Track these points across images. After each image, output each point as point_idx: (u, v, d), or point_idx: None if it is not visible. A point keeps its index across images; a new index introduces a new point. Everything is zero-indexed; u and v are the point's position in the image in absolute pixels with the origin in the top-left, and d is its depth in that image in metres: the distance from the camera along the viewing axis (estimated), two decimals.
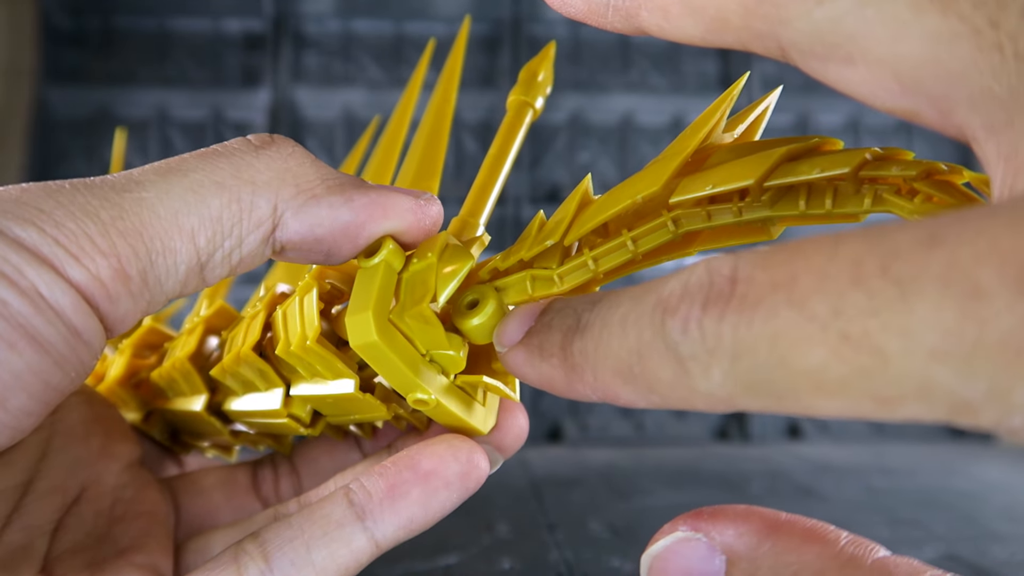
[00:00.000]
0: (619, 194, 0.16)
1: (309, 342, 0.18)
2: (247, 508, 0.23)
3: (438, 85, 0.24)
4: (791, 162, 0.14)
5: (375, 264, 0.17)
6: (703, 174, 0.15)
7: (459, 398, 0.17)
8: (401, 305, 0.17)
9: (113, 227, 0.14)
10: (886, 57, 0.11)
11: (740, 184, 0.14)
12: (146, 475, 0.22)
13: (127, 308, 0.15)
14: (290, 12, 0.72)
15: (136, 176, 0.15)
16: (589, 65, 0.73)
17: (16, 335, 0.13)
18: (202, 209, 0.15)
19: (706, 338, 0.11)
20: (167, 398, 0.25)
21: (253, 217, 0.15)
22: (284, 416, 0.20)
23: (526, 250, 0.17)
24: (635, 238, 0.16)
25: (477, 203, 0.21)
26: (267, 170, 0.16)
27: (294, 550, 0.16)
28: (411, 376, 0.16)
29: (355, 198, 0.16)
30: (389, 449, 0.21)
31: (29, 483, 0.19)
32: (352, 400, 0.19)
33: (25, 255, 0.13)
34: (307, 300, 0.19)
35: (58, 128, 0.69)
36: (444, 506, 0.17)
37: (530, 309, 0.15)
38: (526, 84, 0.23)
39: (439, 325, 0.16)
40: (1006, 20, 0.10)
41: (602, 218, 0.16)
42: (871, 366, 0.09)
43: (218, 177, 0.15)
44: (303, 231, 0.16)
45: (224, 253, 0.15)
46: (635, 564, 0.33)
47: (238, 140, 0.16)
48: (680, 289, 0.11)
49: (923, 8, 0.11)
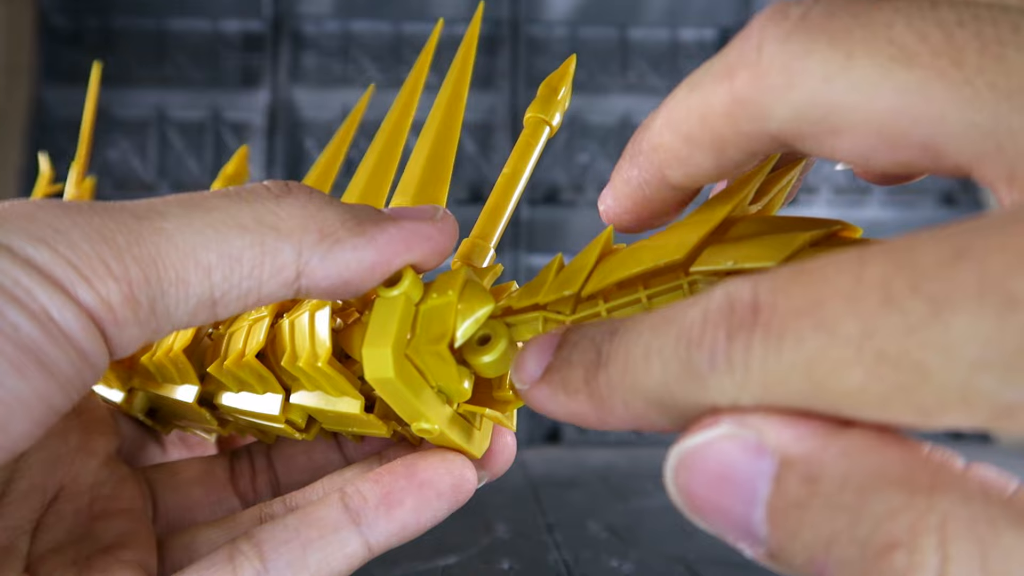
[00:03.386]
0: (642, 255, 0.16)
1: (320, 363, 0.18)
2: (225, 502, 0.23)
3: (446, 83, 0.23)
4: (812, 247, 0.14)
5: (395, 296, 0.17)
6: (725, 248, 0.15)
7: (460, 427, 0.18)
8: (417, 339, 0.17)
9: (128, 252, 0.14)
10: (867, 119, 0.12)
11: (761, 265, 0.14)
12: (124, 469, 0.22)
13: (132, 334, 0.15)
14: (289, 13, 0.72)
15: (158, 206, 0.15)
16: (588, 66, 0.73)
17: (25, 359, 0.13)
18: (222, 246, 0.15)
19: (734, 370, 0.11)
20: (156, 382, 0.25)
21: (276, 262, 0.15)
22: (282, 422, 0.20)
23: (543, 295, 0.17)
24: (650, 296, 0.16)
25: (489, 225, 0.21)
26: (289, 217, 0.16)
27: (290, 551, 0.16)
28: (420, 408, 0.16)
29: (377, 237, 0.16)
30: (379, 457, 0.21)
31: (7, 483, 0.19)
32: (354, 417, 0.19)
33: (36, 276, 0.13)
34: (319, 317, 0.18)
35: (56, 128, 0.69)
36: (435, 515, 0.17)
37: (545, 343, 0.15)
38: (545, 101, 0.22)
39: (454, 364, 0.17)
40: (967, 59, 0.11)
41: (621, 276, 0.16)
42: (912, 382, 0.09)
43: (241, 219, 0.15)
44: (331, 276, 0.16)
45: (240, 292, 0.15)
46: (634, 565, 0.33)
47: (257, 185, 0.16)
48: (701, 318, 0.11)
49: (887, 67, 0.11)
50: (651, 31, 0.74)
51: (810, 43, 0.12)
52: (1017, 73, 0.11)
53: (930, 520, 0.09)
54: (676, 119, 0.15)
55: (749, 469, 0.11)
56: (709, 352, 0.11)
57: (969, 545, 0.08)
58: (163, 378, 0.24)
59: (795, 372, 0.10)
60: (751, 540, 0.11)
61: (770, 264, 0.14)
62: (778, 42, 0.12)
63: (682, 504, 0.12)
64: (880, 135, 0.12)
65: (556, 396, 0.14)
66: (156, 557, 0.19)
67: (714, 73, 0.14)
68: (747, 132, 0.13)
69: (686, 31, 0.74)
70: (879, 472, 0.10)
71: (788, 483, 0.10)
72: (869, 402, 0.10)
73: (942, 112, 0.11)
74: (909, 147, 0.12)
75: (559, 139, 0.72)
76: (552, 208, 0.70)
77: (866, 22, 0.12)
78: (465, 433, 0.18)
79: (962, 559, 0.08)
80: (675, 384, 0.11)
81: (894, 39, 0.11)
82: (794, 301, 0.10)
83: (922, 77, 0.11)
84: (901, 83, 0.11)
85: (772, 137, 0.13)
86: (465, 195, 0.70)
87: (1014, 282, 0.08)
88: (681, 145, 0.15)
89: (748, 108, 0.13)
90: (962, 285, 0.09)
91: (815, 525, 0.10)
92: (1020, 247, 0.09)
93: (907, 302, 0.09)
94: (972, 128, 0.11)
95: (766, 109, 0.13)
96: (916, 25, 0.11)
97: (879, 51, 0.12)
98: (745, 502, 0.11)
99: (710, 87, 0.14)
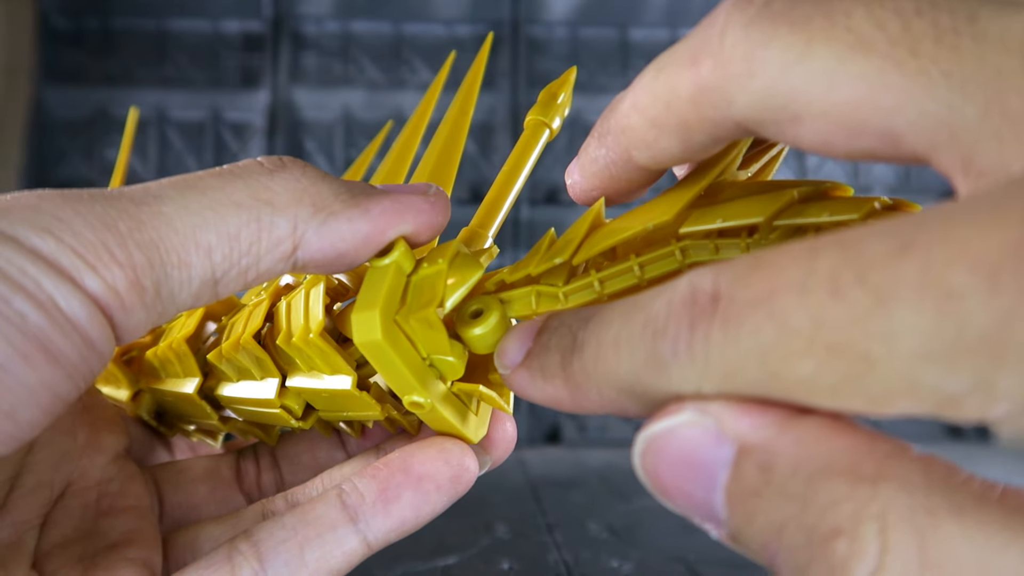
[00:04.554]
0: (631, 220, 0.16)
1: (312, 335, 0.18)
2: (230, 501, 0.23)
3: (456, 97, 0.24)
4: (801, 204, 0.14)
5: (386, 265, 0.17)
6: (714, 208, 0.15)
7: (454, 406, 0.18)
8: (407, 307, 0.17)
9: (131, 238, 0.14)
10: (826, 108, 0.12)
11: (750, 221, 0.14)
12: (131, 467, 0.22)
13: (139, 319, 0.15)
14: (289, 13, 0.72)
15: (154, 190, 0.15)
16: (588, 66, 0.73)
17: (32, 348, 0.13)
18: (220, 226, 0.15)
19: (695, 359, 0.11)
20: (159, 378, 0.25)
21: (272, 236, 0.16)
22: (277, 406, 0.20)
23: (534, 266, 0.17)
24: (642, 264, 0.16)
25: (488, 215, 0.21)
26: (284, 191, 0.16)
27: (288, 551, 0.17)
28: (410, 378, 0.16)
29: (371, 208, 0.16)
30: (378, 450, 0.21)
31: (15, 478, 0.19)
32: (347, 397, 0.19)
33: (42, 266, 0.13)
34: (314, 293, 0.19)
35: (56, 128, 0.69)
36: (435, 508, 0.17)
37: (527, 329, 0.15)
38: (544, 105, 0.23)
39: (443, 330, 0.17)
40: (923, 48, 0.11)
41: (612, 242, 0.16)
42: (859, 371, 0.09)
43: (236, 197, 0.15)
44: (325, 248, 0.16)
45: (240, 270, 0.16)
46: (634, 565, 0.33)
47: (250, 162, 0.17)
48: (666, 309, 0.11)
49: (845, 56, 0.12)
50: (651, 31, 0.74)
51: (771, 31, 0.12)
52: (971, 62, 0.11)
53: (872, 509, 0.09)
54: (643, 103, 0.15)
55: (709, 456, 0.11)
56: (672, 341, 0.11)
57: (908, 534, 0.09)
58: (166, 373, 0.24)
59: (751, 361, 0.10)
60: (715, 522, 0.11)
61: (760, 220, 0.14)
62: (741, 29, 0.13)
63: (650, 487, 0.12)
64: (839, 124, 0.12)
65: (535, 381, 0.14)
66: (161, 555, 0.19)
67: (679, 59, 0.14)
68: (711, 118, 0.14)
69: (686, 31, 0.74)
70: (827, 461, 0.10)
71: (745, 470, 0.10)
72: (821, 391, 0.10)
73: (899, 102, 0.11)
74: (868, 135, 0.12)
75: (560, 139, 0.72)
76: (552, 208, 0.70)
77: (826, 10, 0.12)
78: (459, 414, 0.18)
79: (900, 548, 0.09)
80: (642, 372, 0.12)
81: (852, 27, 0.12)
82: (751, 291, 0.10)
83: (879, 66, 0.11)
84: (858, 72, 0.11)
85: (736, 123, 0.13)
86: (466, 195, 0.70)
87: (954, 275, 0.08)
88: (648, 128, 0.15)
89: (711, 96, 0.13)
90: (905, 277, 0.09)
91: (768, 511, 0.10)
92: (962, 240, 0.09)
93: (853, 293, 0.09)
94: (927, 116, 0.11)
95: (729, 97, 0.13)
96: (875, 14, 0.12)
97: (837, 39, 0.12)
98: (706, 487, 0.11)
99: (675, 73, 0.14)
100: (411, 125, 0.26)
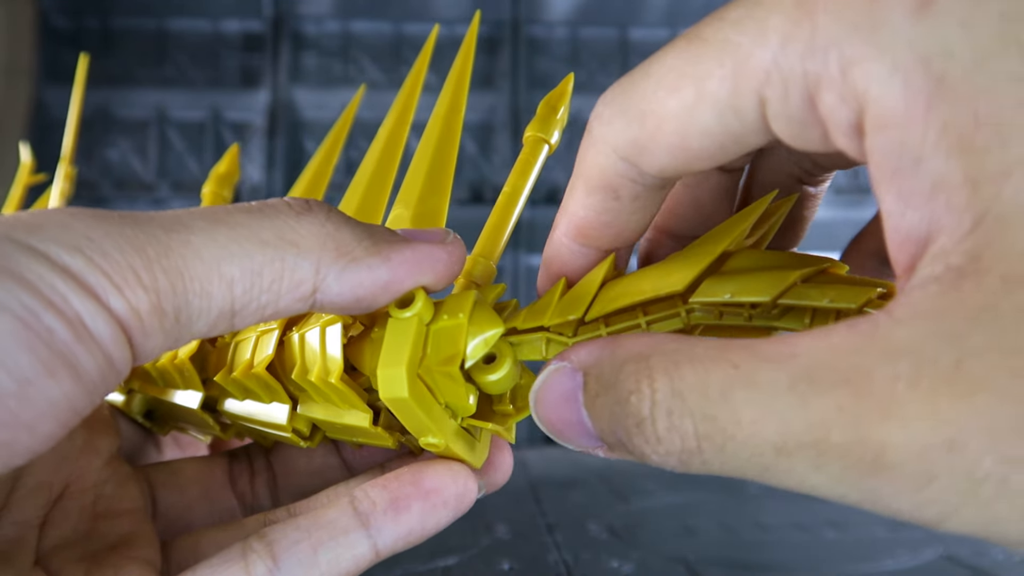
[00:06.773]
0: (643, 283, 0.17)
1: (332, 379, 0.18)
2: (223, 503, 0.23)
3: (445, 90, 0.23)
4: (804, 284, 0.15)
5: (408, 318, 0.17)
6: (723, 280, 0.16)
7: (464, 440, 0.18)
8: (428, 359, 0.17)
9: (157, 263, 0.14)
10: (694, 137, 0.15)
11: (756, 299, 0.15)
12: (125, 468, 0.22)
13: (156, 342, 0.15)
14: (289, 13, 0.72)
15: (184, 219, 0.16)
16: (588, 66, 0.73)
17: (58, 363, 0.13)
18: (245, 261, 0.15)
19: None
20: (158, 387, 0.25)
21: (295, 277, 0.16)
22: (288, 431, 0.21)
23: (548, 318, 0.18)
24: (649, 322, 0.17)
25: (491, 243, 0.21)
26: (309, 235, 0.16)
27: (301, 551, 0.17)
28: (428, 423, 0.17)
29: (392, 257, 0.17)
30: (382, 468, 0.21)
31: (16, 479, 0.20)
32: (361, 430, 0.19)
33: (71, 283, 0.13)
34: (331, 333, 0.19)
35: (56, 128, 0.69)
36: (439, 523, 0.18)
37: None
38: (543, 120, 0.23)
39: (463, 382, 0.17)
40: None
41: (622, 304, 0.17)
42: None
43: (264, 235, 0.16)
44: (345, 292, 0.17)
45: (259, 305, 0.16)
46: (635, 565, 0.33)
47: (278, 202, 0.17)
48: None
49: None
50: (651, 31, 0.74)
51: None
52: None
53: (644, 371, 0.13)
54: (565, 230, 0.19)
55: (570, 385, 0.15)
56: None
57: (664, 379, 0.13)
58: (165, 383, 0.24)
59: None
60: (592, 440, 0.15)
61: (764, 299, 0.15)
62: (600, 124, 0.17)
63: (546, 430, 0.16)
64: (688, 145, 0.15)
65: None
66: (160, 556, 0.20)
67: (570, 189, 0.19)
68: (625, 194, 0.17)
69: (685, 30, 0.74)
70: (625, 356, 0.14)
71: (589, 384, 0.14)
72: None
73: None
74: None
75: None
76: (552, 208, 0.70)
77: None
78: (468, 446, 0.19)
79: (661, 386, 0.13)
80: None
81: None
82: None
83: None
84: None
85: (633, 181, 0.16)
86: (466, 195, 0.70)
87: None
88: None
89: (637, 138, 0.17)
90: None
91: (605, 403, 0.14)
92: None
93: None
94: None
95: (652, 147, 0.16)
96: None
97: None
98: (574, 410, 0.15)
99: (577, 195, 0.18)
100: (395, 115, 0.25)
